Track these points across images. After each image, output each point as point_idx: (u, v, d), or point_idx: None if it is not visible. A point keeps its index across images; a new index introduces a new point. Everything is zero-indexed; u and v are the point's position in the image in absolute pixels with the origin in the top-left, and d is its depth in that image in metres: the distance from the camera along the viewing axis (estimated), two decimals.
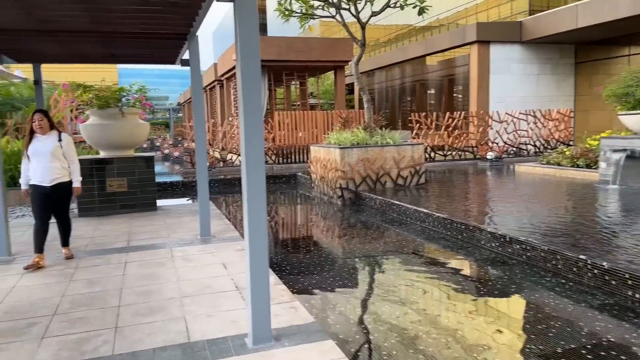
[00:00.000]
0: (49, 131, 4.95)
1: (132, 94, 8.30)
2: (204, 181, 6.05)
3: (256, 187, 3.06)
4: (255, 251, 3.09)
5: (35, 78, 7.73)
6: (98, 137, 7.88)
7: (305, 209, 9.70)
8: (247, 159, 3.03)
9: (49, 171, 4.87)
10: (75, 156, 5.12)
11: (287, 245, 6.55)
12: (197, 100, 5.98)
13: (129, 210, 7.89)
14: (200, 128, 6.00)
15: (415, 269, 5.21)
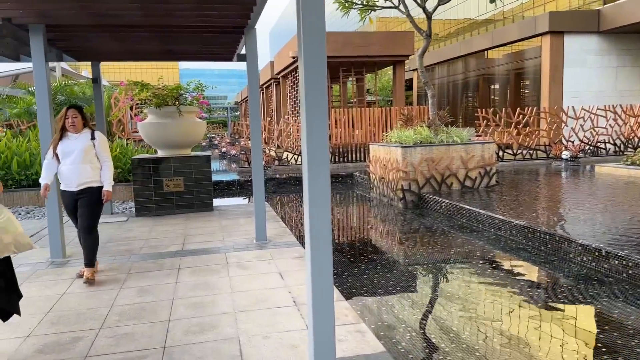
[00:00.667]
0: (82, 129, 4.44)
1: (189, 92, 8.16)
2: (259, 183, 5.71)
3: (319, 193, 2.62)
4: (317, 266, 2.66)
5: (94, 76, 7.74)
6: (155, 136, 7.78)
7: (363, 212, 9.20)
8: (310, 161, 2.60)
9: (77, 173, 4.35)
10: (109, 157, 4.56)
11: (346, 253, 6.10)
12: (253, 96, 5.64)
13: (185, 211, 7.74)
14: (257, 126, 5.66)
15: (496, 287, 4.59)
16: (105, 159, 4.51)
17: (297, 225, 7.87)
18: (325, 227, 2.65)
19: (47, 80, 5.04)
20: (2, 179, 8.85)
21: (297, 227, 7.70)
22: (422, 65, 9.29)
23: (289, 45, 17.37)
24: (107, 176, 4.49)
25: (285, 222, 7.27)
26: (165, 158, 7.69)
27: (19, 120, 12.03)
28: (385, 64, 18.02)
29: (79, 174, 4.35)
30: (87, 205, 4.43)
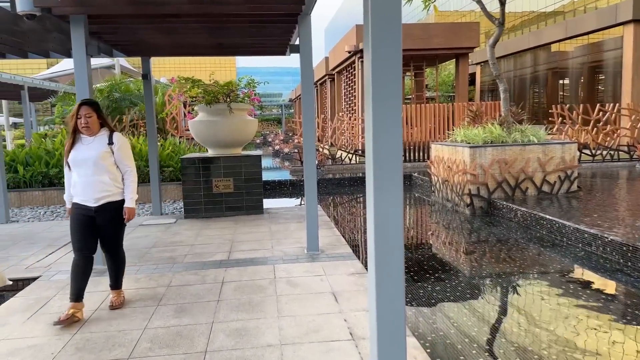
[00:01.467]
0: (98, 130, 3.63)
1: (240, 89, 7.75)
2: (312, 188, 5.15)
3: (389, 205, 2.02)
4: (385, 295, 2.06)
5: (144, 72, 7.49)
6: (205, 134, 7.43)
7: (424, 218, 8.44)
8: (378, 166, 2.00)
9: (93, 186, 3.55)
10: (131, 165, 3.72)
11: (408, 268, 5.42)
12: (307, 90, 5.08)
13: (234, 213, 7.34)
14: (310, 122, 5.10)
15: (598, 320, 3.78)
16: (127, 167, 3.69)
17: (352, 233, 7.26)
18: (397, 245, 2.05)
19: (88, 75, 4.72)
20: (55, 177, 8.87)
21: (352, 235, 7.09)
22: (494, 56, 8.38)
23: (345, 39, 16.75)
24: (130, 189, 3.70)
25: (338, 228, 6.70)
26: (215, 157, 7.32)
27: None
28: (447, 57, 17.00)
29: (95, 187, 3.55)
30: (109, 224, 3.66)
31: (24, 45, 6.29)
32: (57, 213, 8.20)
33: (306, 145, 5.13)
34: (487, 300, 4.30)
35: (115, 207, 3.67)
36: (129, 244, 5.79)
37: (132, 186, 3.71)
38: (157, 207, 7.68)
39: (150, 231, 6.46)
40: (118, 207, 3.69)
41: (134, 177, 3.73)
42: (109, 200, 3.62)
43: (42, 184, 8.84)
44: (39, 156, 9.04)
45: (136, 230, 6.52)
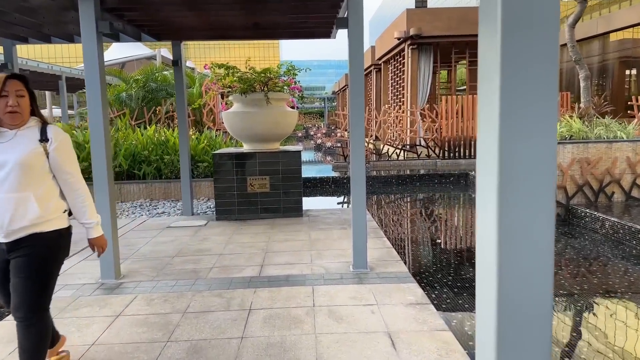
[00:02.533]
0: (26, 120, 2.35)
1: (280, 77, 6.93)
2: (360, 195, 4.26)
3: (534, 232, 1.13)
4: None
5: (175, 58, 6.81)
6: (240, 127, 6.67)
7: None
8: (513, 173, 1.11)
9: (9, 208, 2.24)
10: (77, 174, 2.44)
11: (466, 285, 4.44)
12: (355, 73, 4.18)
13: (270, 215, 6.57)
14: (358, 113, 4.21)
15: None
16: (72, 178, 2.41)
17: (405, 244, 6.32)
18: (544, 292, 1.15)
19: (99, 58, 4.01)
20: (84, 171, 8.37)
21: (404, 246, 6.16)
22: (574, 37, 7.18)
23: (394, 25, 15.65)
24: (84, 210, 2.46)
25: (388, 237, 5.79)
26: (250, 153, 6.55)
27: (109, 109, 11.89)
28: None
29: (14, 210, 2.23)
30: (26, 269, 2.26)
31: (42, 27, 5.71)
32: None
33: (354, 140, 4.24)
34: (575, 326, 3.30)
35: (45, 243, 2.31)
36: (151, 250, 5.12)
37: (85, 204, 2.46)
38: (187, 206, 7.02)
39: (177, 235, 5.78)
40: (49, 242, 2.33)
41: (85, 192, 2.46)
42: (34, 232, 2.28)
43: None
44: None
45: (162, 234, 5.86)
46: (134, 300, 3.71)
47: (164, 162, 8.56)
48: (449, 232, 6.84)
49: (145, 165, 8.55)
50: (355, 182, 4.26)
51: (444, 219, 7.67)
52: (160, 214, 7.42)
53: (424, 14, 14.20)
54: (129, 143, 8.83)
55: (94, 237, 2.56)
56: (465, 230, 7.02)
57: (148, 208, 7.90)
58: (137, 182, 8.45)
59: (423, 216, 7.94)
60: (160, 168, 8.61)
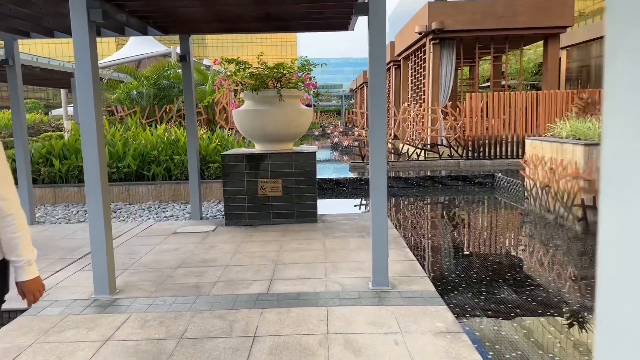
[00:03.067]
0: None
1: (294, 73, 6.49)
2: (381, 204, 3.78)
3: None
4: None
5: (182, 52, 6.41)
6: (251, 126, 6.25)
7: (517, 233, 6.83)
8: None
9: None
10: (11, 195, 1.89)
11: (499, 307, 3.94)
12: (376, 65, 3.71)
13: (283, 221, 6.14)
14: (379, 110, 3.74)
15: None
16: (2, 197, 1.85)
17: (430, 255, 5.83)
18: None
19: (90, 49, 3.61)
20: None
21: (430, 258, 5.66)
22: None
23: (415, 19, 15.07)
24: (15, 242, 1.90)
25: (410, 248, 5.31)
26: (261, 154, 6.13)
27: (120, 106, 11.59)
28: (533, 38, 14.84)
29: None
30: None
31: (41, 19, 5.37)
32: None
33: (375, 142, 3.77)
34: None
35: None
36: (153, 259, 4.73)
37: (21, 235, 1.90)
38: (196, 210, 6.63)
39: (183, 242, 5.39)
40: None
41: (19, 220, 1.89)
42: None
43: (78, 179, 8.08)
44: (76, 148, 8.30)
45: (167, 240, 5.47)
46: (126, 321, 3.31)
47: (173, 163, 8.20)
48: (478, 241, 6.31)
49: (154, 165, 8.20)
50: (375, 189, 3.79)
51: (471, 226, 7.13)
52: (168, 218, 7.06)
53: (447, 7, 13.58)
54: (138, 143, 8.50)
55: (24, 280, 1.94)
56: (495, 239, 6.49)
57: (156, 211, 7.55)
58: (146, 184, 8.12)
59: (448, 223, 7.42)
60: (170, 169, 8.26)
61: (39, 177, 8.03)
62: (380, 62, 3.66)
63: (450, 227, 7.11)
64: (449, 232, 6.80)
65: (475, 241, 6.32)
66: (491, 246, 6.09)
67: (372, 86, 3.71)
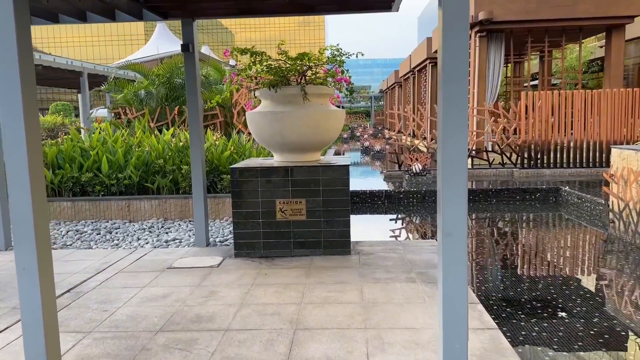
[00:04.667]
0: None
1: (322, 65, 5.19)
2: (458, 254, 2.43)
3: None
4: None
5: (185, 41, 5.20)
6: (268, 132, 4.97)
7: (601, 266, 5.33)
8: None
9: None
10: None
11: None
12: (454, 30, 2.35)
13: (307, 252, 4.84)
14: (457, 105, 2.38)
15: None
16: None
17: (514, 315, 4.40)
18: None
19: (17, 25, 2.37)
20: (89, 183, 6.96)
21: (514, 321, 4.24)
22: None
23: None
24: None
25: (480, 295, 3.93)
26: (280, 168, 4.85)
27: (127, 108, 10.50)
28: (593, 30, 13.11)
29: None
30: None
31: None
32: (83, 234, 6.26)
33: (449, 162, 2.41)
34: None
35: None
36: (130, 314, 3.50)
37: None
38: (201, 234, 5.41)
39: (176, 284, 4.14)
40: None
41: None
42: None
43: (72, 191, 6.98)
44: (72, 156, 7.22)
45: (158, 281, 4.25)
46: None
47: (181, 174, 7.01)
48: (569, 289, 4.83)
49: (159, 177, 7.03)
50: (449, 235, 2.43)
51: (551, 262, 5.64)
52: (169, 242, 5.86)
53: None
54: (141, 150, 7.35)
55: None
56: (563, 270, 5.00)
57: (158, 232, 6.38)
58: (150, 198, 6.96)
59: (519, 255, 5.95)
60: (178, 180, 7.08)
61: None
62: (460, 27, 2.33)
63: (527, 263, 5.66)
64: (528, 271, 5.35)
65: (566, 289, 4.86)
66: (564, 280, 4.63)
67: (446, 70, 2.37)
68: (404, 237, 6.70)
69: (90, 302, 3.78)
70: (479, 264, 5.50)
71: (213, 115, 9.63)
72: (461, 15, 2.33)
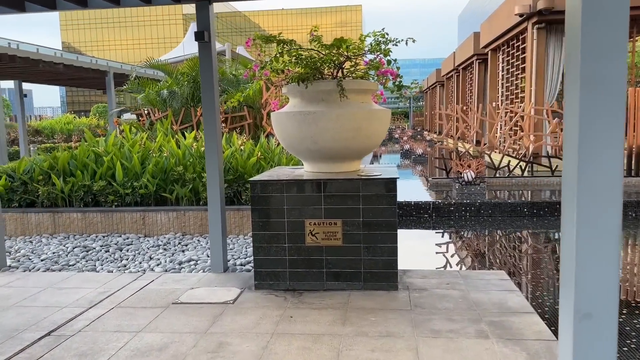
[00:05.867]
0: None
1: (362, 55, 4.26)
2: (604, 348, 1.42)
3: None
4: None
5: (200, 28, 4.36)
6: (297, 137, 4.06)
7: None
8: None
9: None
10: None
11: None
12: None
13: (343, 285, 3.91)
14: (610, 99, 1.37)
15: None
16: None
17: None
18: None
19: None
20: (102, 192, 6.26)
21: None
22: None
23: (509, 4, 12.29)
24: None
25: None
26: (310, 181, 3.93)
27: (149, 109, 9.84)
28: None
29: None
30: None
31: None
32: (90, 251, 5.54)
33: (588, 177, 1.41)
34: None
35: None
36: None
37: None
38: (217, 258, 4.57)
39: (179, 328, 3.29)
40: None
41: None
42: None
43: (83, 201, 6.31)
44: (84, 163, 6.56)
45: (157, 322, 3.41)
46: None
47: (202, 183, 6.22)
48: None
49: (178, 186, 6.27)
50: (587, 318, 1.43)
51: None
52: (183, 265, 5.05)
53: None
54: (160, 156, 6.62)
55: None
56: None
57: (174, 249, 5.59)
58: (167, 210, 6.20)
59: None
60: (198, 190, 6.29)
61: (37, 198, 6.35)
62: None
63: None
64: None
65: None
66: None
67: (589, 38, 1.38)
68: (458, 262, 5.65)
69: (69, 354, 2.97)
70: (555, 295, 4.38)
71: (241, 117, 8.87)
72: None
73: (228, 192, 6.18)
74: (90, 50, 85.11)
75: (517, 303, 3.59)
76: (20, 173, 6.45)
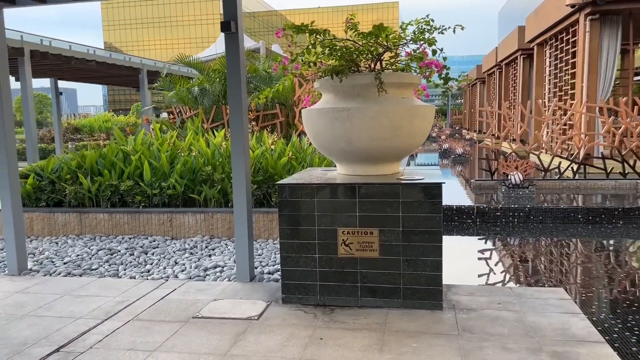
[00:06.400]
0: None
1: (403, 45, 3.83)
2: None
3: None
4: None
5: (226, 17, 4.04)
6: (329, 136, 3.67)
7: None
8: None
9: None
10: None
11: None
12: None
13: (380, 302, 3.50)
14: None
15: None
16: None
17: None
18: None
19: None
20: (128, 193, 6.07)
21: None
22: None
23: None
24: None
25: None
26: (343, 185, 3.54)
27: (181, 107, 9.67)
28: None
29: None
30: None
31: None
32: (115, 254, 5.34)
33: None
34: None
35: None
36: None
37: None
38: (243, 267, 4.25)
39: (197, 349, 2.97)
40: None
41: None
42: None
43: (110, 201, 6.14)
44: (112, 162, 6.39)
45: (175, 339, 3.10)
46: None
47: (231, 183, 5.92)
48: None
49: (206, 187, 6.01)
50: None
51: None
52: (208, 271, 4.75)
53: None
54: (189, 155, 6.38)
55: None
56: None
57: (200, 254, 5.32)
58: (194, 212, 5.95)
59: None
60: (227, 191, 6.01)
61: (64, 198, 6.23)
62: None
63: None
64: None
65: None
66: None
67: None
68: (507, 275, 5.13)
69: None
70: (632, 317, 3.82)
71: (273, 115, 8.56)
72: None
73: (257, 193, 5.87)
74: (131, 50, 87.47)
75: (583, 329, 3.09)
76: (48, 172, 6.35)
